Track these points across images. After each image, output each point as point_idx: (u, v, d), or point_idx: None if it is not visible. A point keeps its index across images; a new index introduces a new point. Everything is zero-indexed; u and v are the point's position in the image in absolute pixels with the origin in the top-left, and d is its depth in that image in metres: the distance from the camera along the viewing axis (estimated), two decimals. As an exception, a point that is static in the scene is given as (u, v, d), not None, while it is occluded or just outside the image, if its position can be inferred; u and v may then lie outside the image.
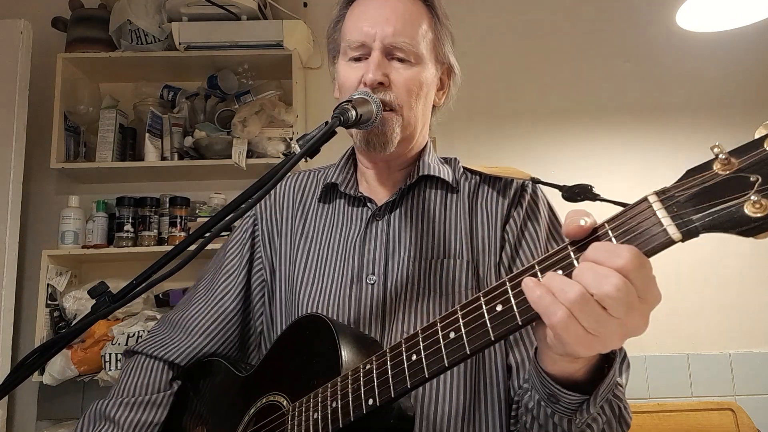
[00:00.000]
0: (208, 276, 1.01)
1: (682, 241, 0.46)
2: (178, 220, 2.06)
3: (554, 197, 0.81)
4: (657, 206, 0.47)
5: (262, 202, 1.01)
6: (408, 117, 0.88)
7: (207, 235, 0.68)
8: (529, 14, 2.42)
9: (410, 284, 0.84)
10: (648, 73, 2.38)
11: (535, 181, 0.88)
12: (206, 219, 1.51)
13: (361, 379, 0.65)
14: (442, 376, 0.79)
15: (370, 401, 0.63)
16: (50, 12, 2.18)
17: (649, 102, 2.36)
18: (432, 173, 0.92)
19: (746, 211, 0.42)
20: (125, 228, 2.03)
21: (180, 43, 2.08)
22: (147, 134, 2.08)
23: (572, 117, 2.36)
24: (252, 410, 0.82)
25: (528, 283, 0.52)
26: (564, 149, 2.34)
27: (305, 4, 2.38)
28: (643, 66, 2.38)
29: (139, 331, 1.90)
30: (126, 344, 1.88)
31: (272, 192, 1.01)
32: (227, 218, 0.67)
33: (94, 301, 0.67)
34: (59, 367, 1.89)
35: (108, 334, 1.92)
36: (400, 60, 0.87)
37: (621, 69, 2.38)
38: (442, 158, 1.00)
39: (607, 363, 0.62)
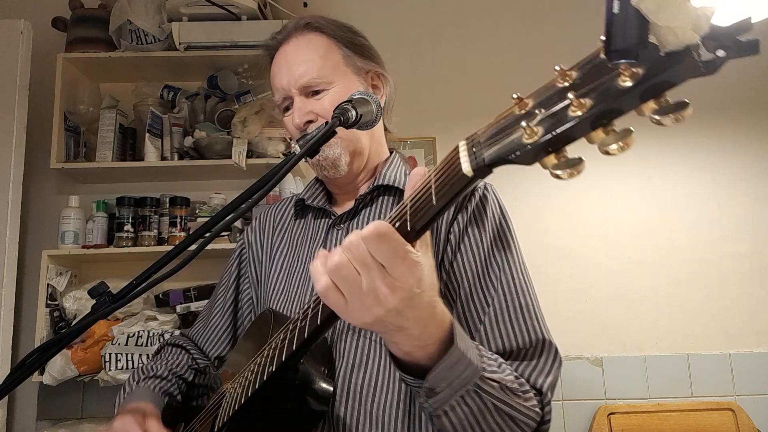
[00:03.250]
0: (211, 299, 1.14)
1: (475, 175, 0.49)
2: (178, 220, 2.06)
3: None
4: (462, 149, 0.51)
5: (250, 229, 1.12)
6: (345, 135, 0.93)
7: (207, 235, 0.68)
8: (528, 14, 2.43)
9: None
10: (648, 73, 2.38)
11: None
12: (206, 219, 1.51)
13: (267, 352, 0.72)
14: (380, 368, 0.84)
15: (270, 368, 0.70)
16: (50, 12, 2.17)
17: (649, 102, 2.36)
18: (387, 183, 0.97)
19: (521, 138, 0.44)
20: (125, 228, 2.03)
21: (180, 43, 2.08)
22: (147, 134, 2.07)
23: (572, 117, 2.36)
24: (211, 401, 0.89)
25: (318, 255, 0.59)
26: (564, 149, 2.34)
27: (305, 4, 2.38)
28: (643, 66, 2.38)
29: (139, 331, 1.90)
30: (126, 344, 1.88)
31: (258, 218, 1.13)
32: (227, 218, 0.68)
33: (94, 301, 0.68)
34: (59, 367, 1.89)
35: (108, 334, 1.92)
36: (317, 92, 0.96)
37: (621, 69, 2.38)
38: (408, 168, 1.04)
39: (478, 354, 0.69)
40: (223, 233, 0.69)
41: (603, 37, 0.40)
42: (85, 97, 2.15)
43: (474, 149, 0.49)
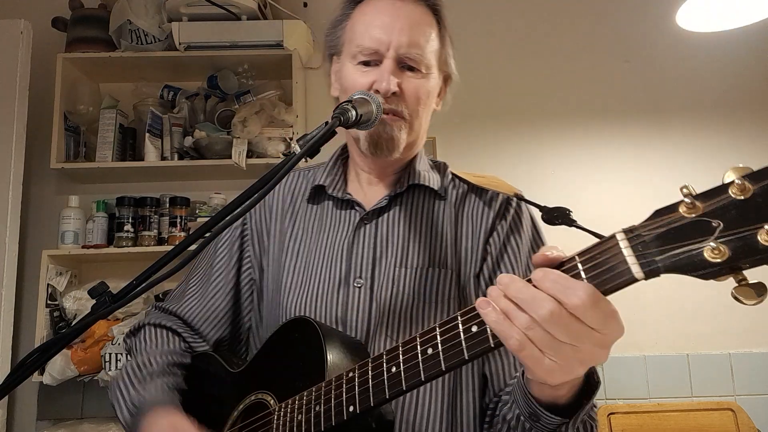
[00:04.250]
0: (200, 272, 1.02)
1: (645, 279, 0.48)
2: (178, 220, 2.06)
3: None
4: (624, 244, 0.49)
5: None
6: (414, 125, 0.91)
7: (207, 235, 0.68)
8: (529, 14, 2.42)
9: (395, 290, 0.86)
10: (648, 73, 2.38)
11: (519, 198, 0.91)
12: (206, 219, 1.51)
13: (344, 386, 0.68)
14: None
15: (351, 408, 0.66)
16: (50, 12, 2.18)
17: (649, 102, 2.36)
18: (422, 182, 0.94)
19: (705, 256, 0.44)
20: (125, 228, 2.03)
21: (180, 43, 2.08)
22: (147, 134, 2.08)
23: (572, 117, 2.36)
24: (241, 406, 0.84)
25: (481, 305, 0.54)
26: (564, 149, 2.34)
27: (305, 4, 2.38)
28: (643, 66, 2.38)
29: (139, 331, 1.90)
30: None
31: None
32: (227, 218, 0.67)
33: (94, 301, 0.67)
34: (59, 367, 1.89)
35: (108, 334, 1.92)
36: (411, 69, 0.89)
37: (621, 69, 2.38)
38: (432, 161, 1.02)
39: (590, 388, 0.64)
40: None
41: None
42: (85, 97, 2.15)
43: (642, 249, 0.48)
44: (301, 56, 2.20)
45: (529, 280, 0.53)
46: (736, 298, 0.44)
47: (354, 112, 0.77)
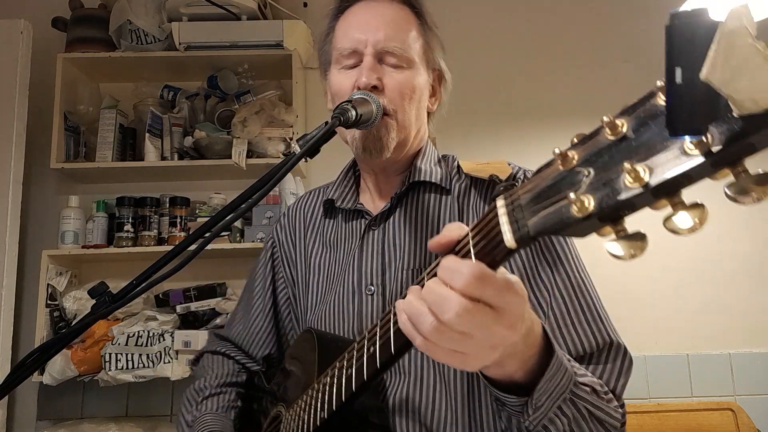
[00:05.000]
0: (244, 299, 1.09)
1: (517, 247, 0.43)
2: (178, 220, 2.06)
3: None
4: (501, 211, 0.44)
5: (279, 227, 1.07)
6: (402, 121, 0.89)
7: (207, 235, 0.68)
8: (529, 14, 2.43)
9: (404, 294, 0.85)
10: (648, 73, 2.38)
11: (493, 179, 0.88)
12: (206, 219, 1.51)
13: (319, 392, 0.69)
14: (437, 382, 0.81)
15: (322, 414, 0.67)
16: (50, 12, 2.18)
17: (649, 102, 2.36)
18: (424, 179, 0.92)
19: (572, 210, 0.38)
20: (125, 228, 2.03)
21: (180, 43, 2.08)
22: (147, 134, 2.08)
23: (572, 117, 2.36)
24: (269, 419, 0.89)
25: (398, 305, 0.52)
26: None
27: (305, 4, 2.38)
28: (643, 66, 2.38)
29: (139, 331, 1.90)
30: (126, 344, 1.88)
31: (286, 215, 1.07)
32: (227, 218, 0.67)
33: (94, 301, 0.67)
34: (59, 367, 1.89)
35: (108, 334, 1.92)
36: (393, 65, 0.88)
37: (621, 69, 2.38)
38: (441, 155, 1.00)
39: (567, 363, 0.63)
40: (223, 233, 0.69)
41: (663, 102, 0.35)
42: (85, 97, 2.15)
43: (516, 214, 0.43)
44: (301, 56, 2.20)
45: None
46: (612, 255, 0.37)
47: (354, 112, 0.76)
